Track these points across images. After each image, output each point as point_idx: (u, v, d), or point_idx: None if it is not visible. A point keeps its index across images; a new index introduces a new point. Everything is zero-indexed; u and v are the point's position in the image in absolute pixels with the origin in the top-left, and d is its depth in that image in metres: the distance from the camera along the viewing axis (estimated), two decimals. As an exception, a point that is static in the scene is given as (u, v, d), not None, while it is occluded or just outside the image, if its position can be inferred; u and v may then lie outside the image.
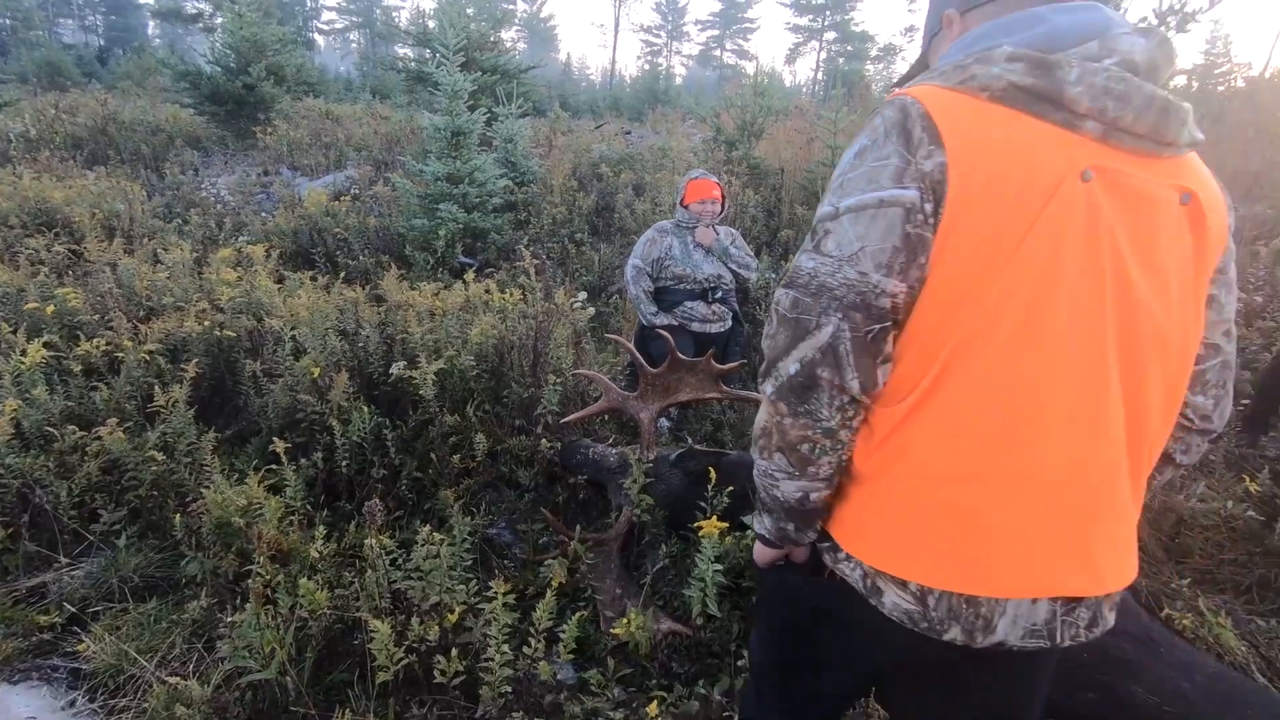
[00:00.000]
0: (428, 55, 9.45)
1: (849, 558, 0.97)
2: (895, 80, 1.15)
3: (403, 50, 17.21)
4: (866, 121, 0.91)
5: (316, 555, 2.05)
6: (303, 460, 2.61)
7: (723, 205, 3.71)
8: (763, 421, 0.98)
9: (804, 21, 38.85)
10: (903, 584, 0.91)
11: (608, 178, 7.39)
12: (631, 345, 2.78)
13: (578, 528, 2.37)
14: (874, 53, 37.54)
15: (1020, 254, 0.81)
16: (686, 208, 3.67)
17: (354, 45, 45.01)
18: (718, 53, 46.96)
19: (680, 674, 1.99)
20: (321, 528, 2.16)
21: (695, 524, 1.97)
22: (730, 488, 2.08)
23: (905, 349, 0.89)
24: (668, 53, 48.79)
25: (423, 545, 1.88)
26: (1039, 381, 0.84)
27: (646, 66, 37.42)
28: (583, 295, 3.94)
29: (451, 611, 1.83)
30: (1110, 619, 0.96)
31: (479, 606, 1.91)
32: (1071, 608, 0.91)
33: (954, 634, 0.89)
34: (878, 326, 0.87)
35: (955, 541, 0.88)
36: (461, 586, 1.98)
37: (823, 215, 0.92)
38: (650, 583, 2.27)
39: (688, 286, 3.63)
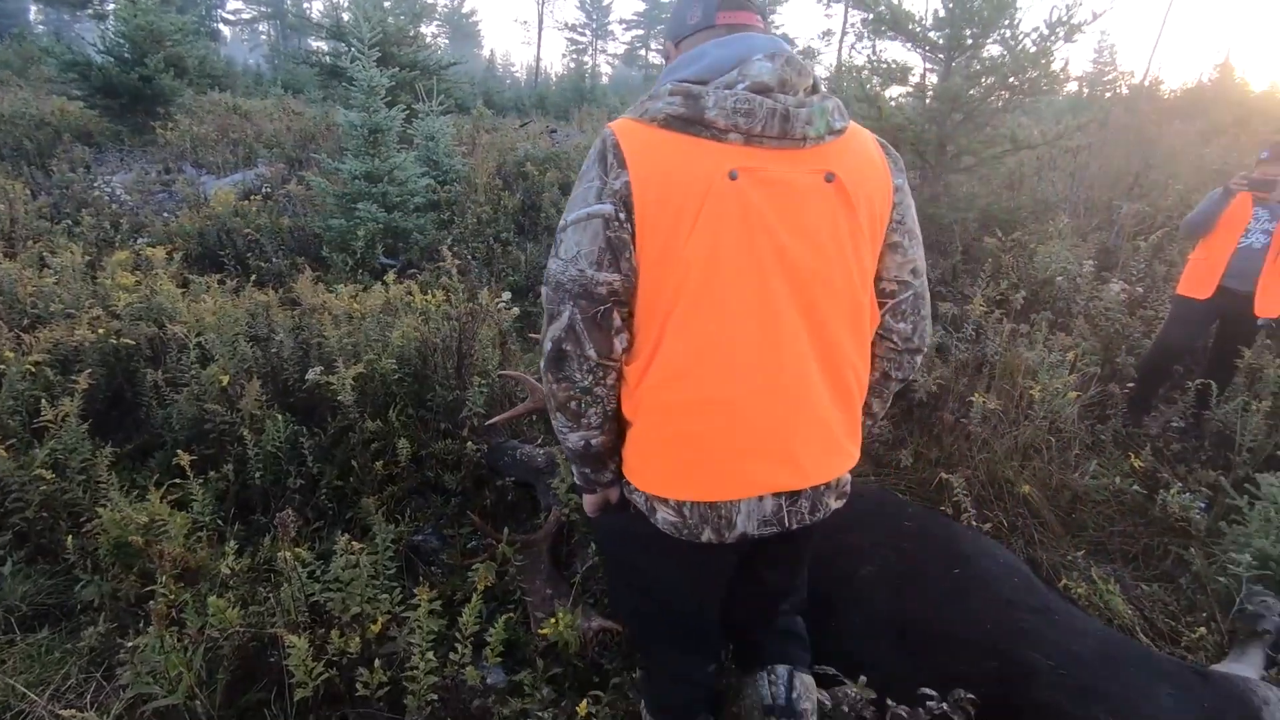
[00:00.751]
0: (343, 49, 9.11)
1: (635, 489, 1.25)
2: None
3: (316, 43, 16.55)
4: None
5: (228, 571, 1.96)
6: (211, 473, 2.49)
7: None
8: (545, 388, 1.23)
9: (726, 24, 39.48)
10: (665, 502, 1.19)
11: (533, 176, 7.32)
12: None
13: (505, 530, 2.35)
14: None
15: (692, 240, 1.08)
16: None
17: (263, 37, 42.79)
18: (643, 53, 47.19)
19: (611, 670, 2.00)
20: (233, 543, 2.06)
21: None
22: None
23: (639, 319, 1.16)
24: (593, 51, 48.68)
25: (342, 555, 1.82)
26: (722, 331, 1.11)
27: (572, 65, 37.26)
28: (507, 295, 3.89)
29: (374, 622, 1.78)
30: (834, 504, 1.28)
31: (404, 615, 1.87)
32: (793, 499, 1.21)
33: (708, 535, 1.19)
34: (602, 308, 1.12)
35: (690, 461, 1.16)
36: (385, 596, 1.93)
37: (559, 227, 1.15)
38: (581, 581, 2.27)
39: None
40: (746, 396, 1.13)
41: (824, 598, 1.92)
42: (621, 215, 1.08)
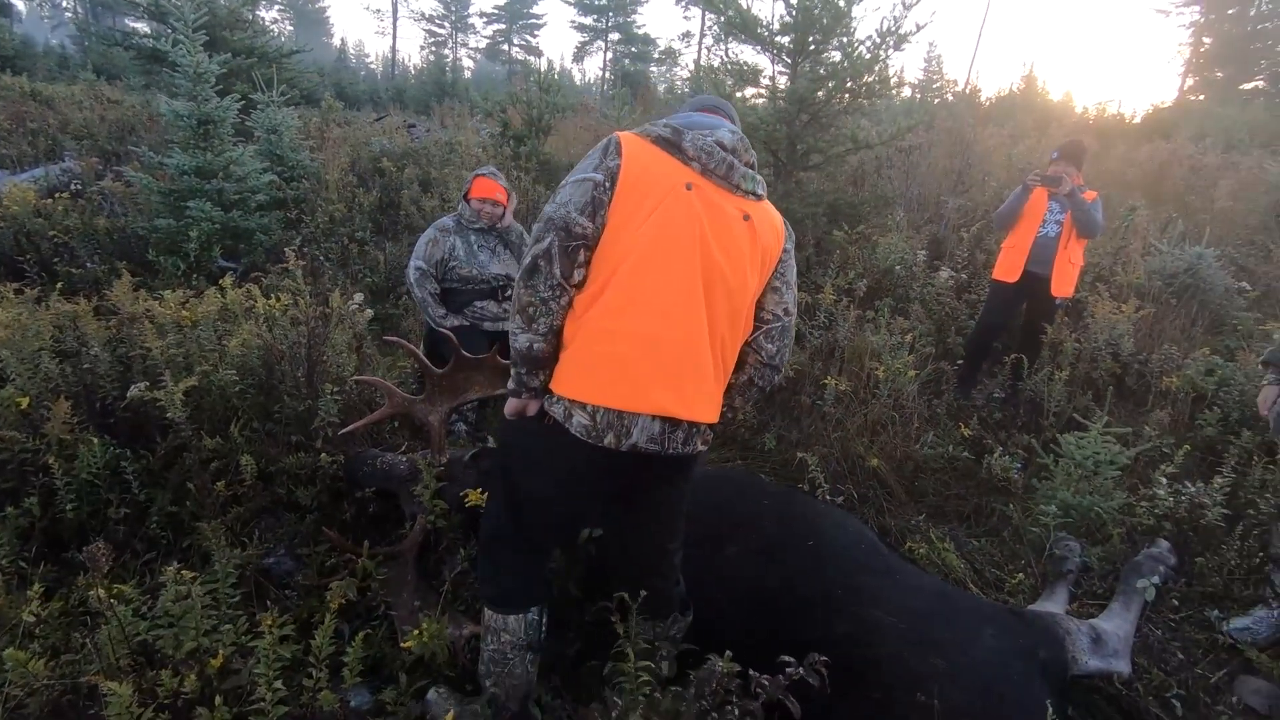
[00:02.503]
0: (166, 31, 8.22)
1: (558, 399, 1.57)
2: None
3: (133, 23, 14.83)
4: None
5: (32, 618, 1.72)
6: (10, 508, 2.18)
7: (506, 209, 3.66)
8: (513, 295, 1.57)
9: (588, 21, 39.55)
10: (583, 406, 1.54)
11: (391, 173, 6.99)
12: (415, 347, 2.66)
13: (365, 543, 2.23)
14: (656, 55, 39.27)
15: (651, 219, 1.53)
16: (469, 202, 3.57)
17: (68, 15, 37.77)
18: (506, 47, 46.28)
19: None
20: (38, 585, 1.81)
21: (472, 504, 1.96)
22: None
23: (595, 261, 1.55)
24: (454, 44, 47.11)
25: (171, 587, 1.65)
26: (655, 287, 1.52)
27: (431, 57, 35.84)
28: (360, 297, 3.68)
29: (214, 656, 1.63)
30: (699, 445, 1.65)
31: (251, 645, 1.72)
32: (674, 427, 1.58)
33: (609, 439, 1.54)
34: (574, 244, 1.53)
35: (613, 376, 1.52)
36: (228, 626, 1.78)
37: (560, 185, 1.58)
38: (450, 588, 2.20)
39: (476, 286, 3.54)
40: (662, 337, 1.52)
41: (693, 579, 1.99)
42: (607, 184, 1.52)
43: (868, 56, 5.50)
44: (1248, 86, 24.01)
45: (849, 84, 5.66)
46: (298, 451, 2.70)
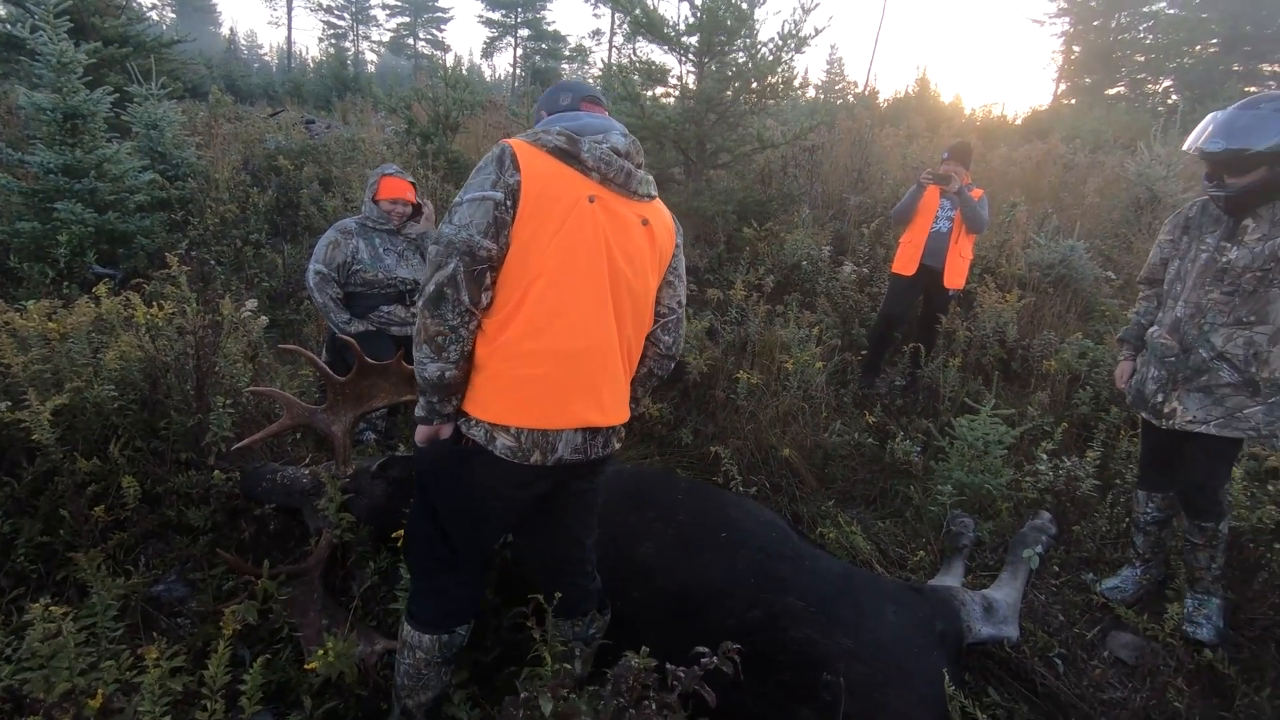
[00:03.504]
0: (25, 16, 7.49)
1: (478, 422, 1.56)
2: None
3: (-14, 7, 13.42)
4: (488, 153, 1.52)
5: (-127, 673, 1.54)
6: None
7: (416, 207, 3.55)
8: (416, 325, 1.51)
9: (497, 16, 38.79)
10: (507, 429, 1.53)
11: (288, 171, 6.64)
12: (315, 354, 2.55)
13: (266, 563, 2.12)
14: (567, 52, 39.01)
15: (560, 234, 1.50)
16: (378, 204, 3.44)
17: (-93, -6, 33.87)
18: (411, 41, 44.80)
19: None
20: (-120, 635, 1.63)
21: (396, 533, 1.89)
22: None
23: (504, 285, 1.51)
24: (355, 37, 45.20)
25: (39, 625, 1.51)
26: (570, 304, 1.52)
27: (331, 50, 34.25)
28: (253, 303, 3.48)
29: (92, 696, 1.51)
30: (616, 444, 1.72)
31: (136, 680, 1.60)
32: (594, 435, 1.63)
33: (536, 458, 1.55)
34: (479, 267, 1.47)
35: (534, 396, 1.52)
36: (110, 662, 1.64)
37: (455, 201, 1.50)
38: (360, 604, 2.12)
39: (382, 290, 3.42)
40: (580, 353, 1.55)
41: (611, 577, 1.99)
42: (508, 203, 1.47)
43: (770, 58, 5.67)
44: (1112, 92, 26.26)
45: (754, 84, 5.81)
46: (188, 470, 2.54)
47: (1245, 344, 2.17)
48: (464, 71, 7.90)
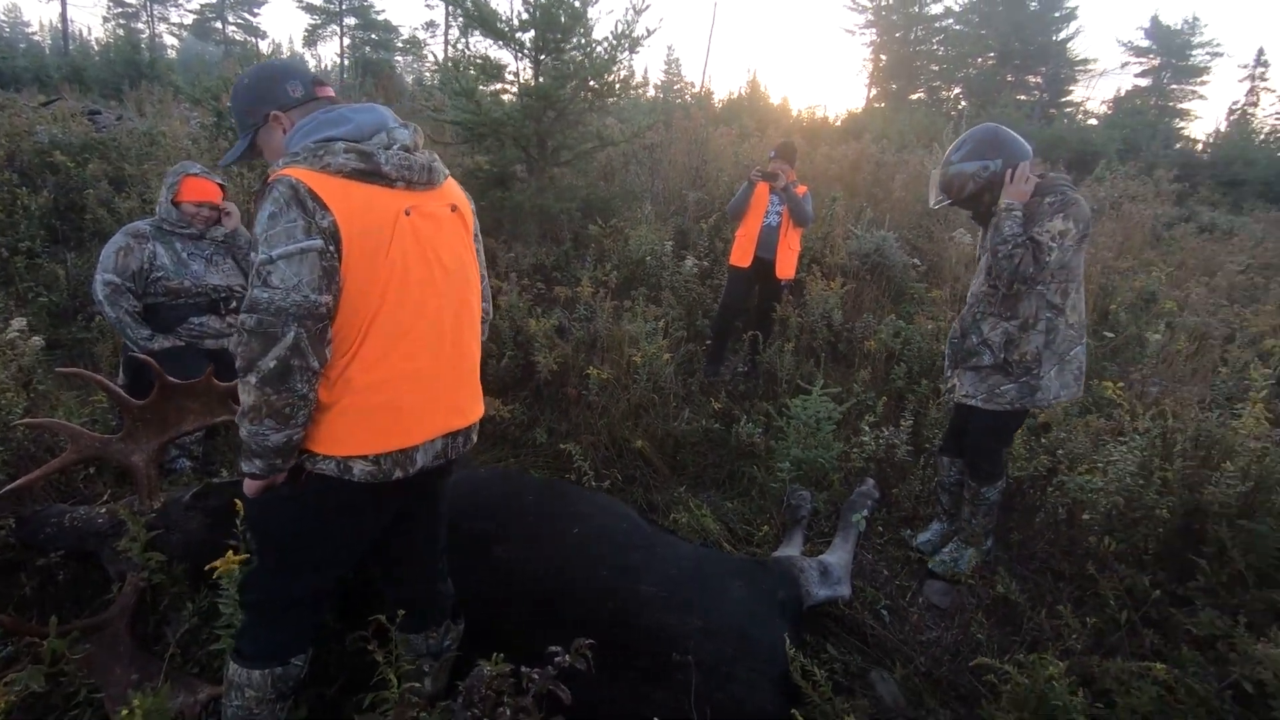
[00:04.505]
0: None
1: (326, 458, 1.47)
2: (230, 158, 1.64)
3: None
4: (266, 194, 1.35)
5: None
6: None
7: (231, 214, 3.22)
8: (251, 401, 1.36)
9: (319, 2, 36.11)
10: (365, 458, 1.47)
11: (68, 169, 5.79)
12: (111, 376, 2.25)
13: (54, 620, 1.84)
14: (400, 44, 37.18)
15: (387, 261, 1.43)
16: (178, 206, 3.07)
17: None
18: (220, 25, 40.57)
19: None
20: None
21: (209, 565, 1.73)
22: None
23: (340, 325, 1.42)
24: (150, 18, 40.17)
25: None
26: (412, 322, 1.48)
27: (120, 31, 30.24)
28: (20, 322, 3.01)
29: None
30: (475, 438, 1.74)
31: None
32: (455, 436, 1.63)
33: (398, 474, 1.52)
34: (322, 324, 1.37)
35: (389, 422, 1.49)
36: None
37: (263, 260, 1.33)
38: (178, 651, 1.91)
39: (191, 300, 3.07)
40: (429, 367, 1.52)
41: (463, 585, 1.94)
42: (331, 249, 1.35)
43: (606, 57, 5.74)
44: (914, 97, 29.31)
45: (591, 82, 5.85)
46: (-55, 522, 2.15)
47: (1003, 333, 2.53)
48: (274, 59, 7.25)
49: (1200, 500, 2.68)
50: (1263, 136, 17.93)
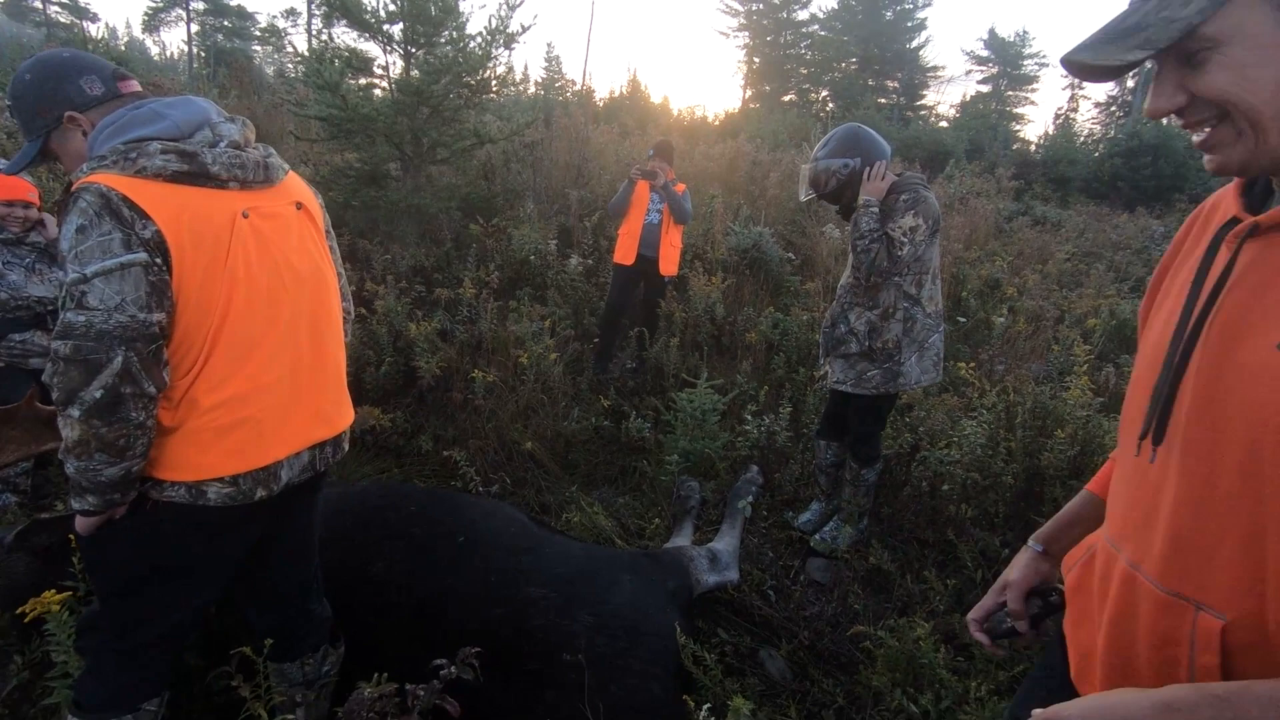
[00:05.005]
0: None
1: (174, 484, 1.35)
2: (14, 166, 1.43)
3: None
4: (71, 205, 1.21)
5: None
6: None
7: (39, 210, 2.88)
8: (76, 436, 1.21)
9: (159, -17, 32.94)
10: (220, 480, 1.36)
11: None
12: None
13: None
14: (257, 32, 34.59)
15: (227, 269, 1.32)
16: (-12, 206, 2.72)
17: None
18: (39, 4, 36.07)
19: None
20: None
21: (21, 610, 1.56)
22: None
23: (178, 344, 1.30)
24: (-51, -7, 35.03)
25: None
26: (263, 332, 1.38)
27: (-90, 7, 26.14)
28: None
29: None
30: (345, 447, 1.66)
31: None
32: (322, 447, 1.55)
33: (261, 494, 1.41)
34: (155, 346, 1.24)
35: (247, 440, 1.38)
36: None
37: (74, 280, 1.18)
38: (7, 710, 1.70)
39: (10, 315, 2.73)
40: (287, 377, 1.43)
41: (343, 607, 1.85)
42: (158, 261, 1.23)
43: (480, 52, 5.62)
44: (786, 98, 30.68)
45: (466, 78, 5.71)
46: None
47: (866, 322, 2.70)
48: (121, 46, 6.58)
49: (1039, 465, 2.99)
50: (1082, 139, 20.19)
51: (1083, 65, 0.74)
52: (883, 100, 29.36)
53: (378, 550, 1.99)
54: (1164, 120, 0.77)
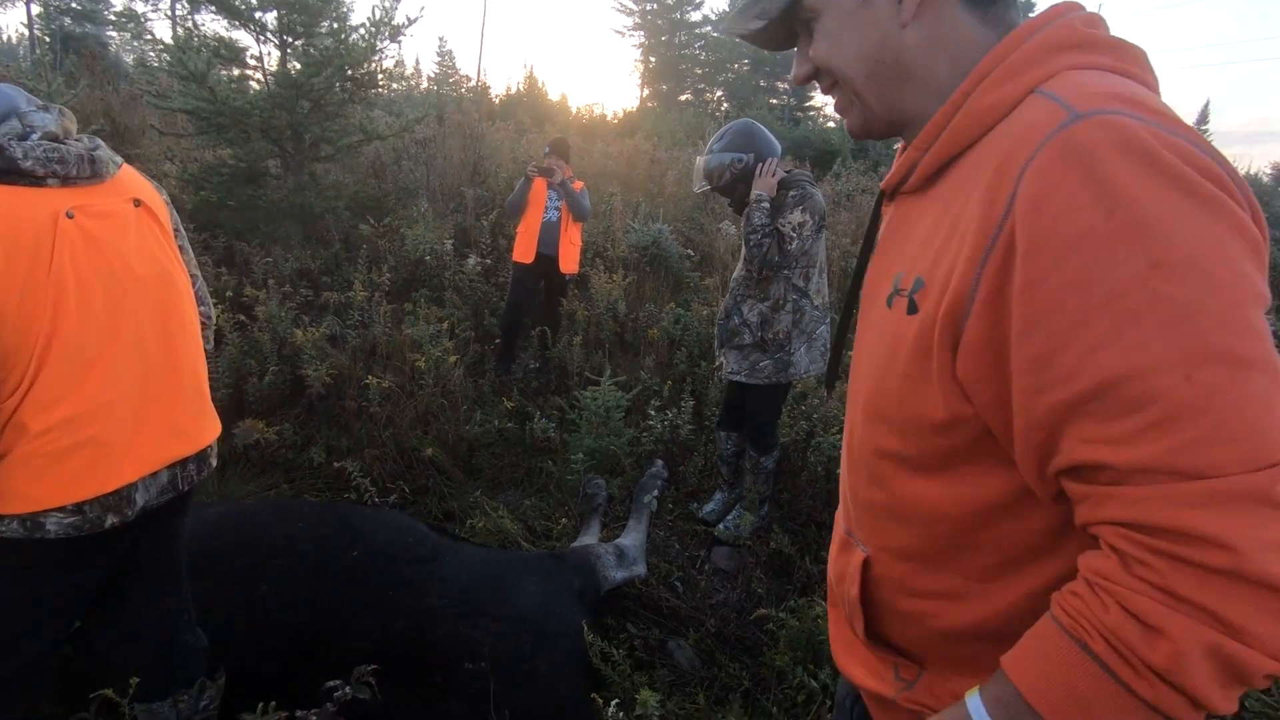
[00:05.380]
0: None
1: (5, 518, 1.22)
2: None
3: None
4: None
5: None
6: None
7: None
8: None
9: (-9, -41, 29.43)
10: (62, 509, 1.24)
11: None
12: None
13: None
14: (111, 16, 31.61)
15: (50, 278, 1.19)
16: None
17: None
18: None
19: None
20: None
21: None
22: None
23: (5, 359, 1.17)
24: None
25: None
26: (103, 343, 1.27)
27: None
28: None
29: None
30: (212, 463, 1.55)
31: None
32: (184, 465, 1.45)
33: (113, 520, 1.30)
34: None
35: (88, 464, 1.26)
36: None
37: None
38: None
39: None
40: (135, 392, 1.32)
41: (225, 636, 1.73)
42: None
43: (364, 44, 5.37)
44: (682, 97, 31.23)
45: (349, 71, 5.45)
46: None
47: (758, 314, 2.80)
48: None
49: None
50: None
51: (728, 34, 0.82)
52: (774, 101, 30.42)
53: (263, 571, 1.87)
54: None
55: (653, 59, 33.42)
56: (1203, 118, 24.93)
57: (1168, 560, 0.48)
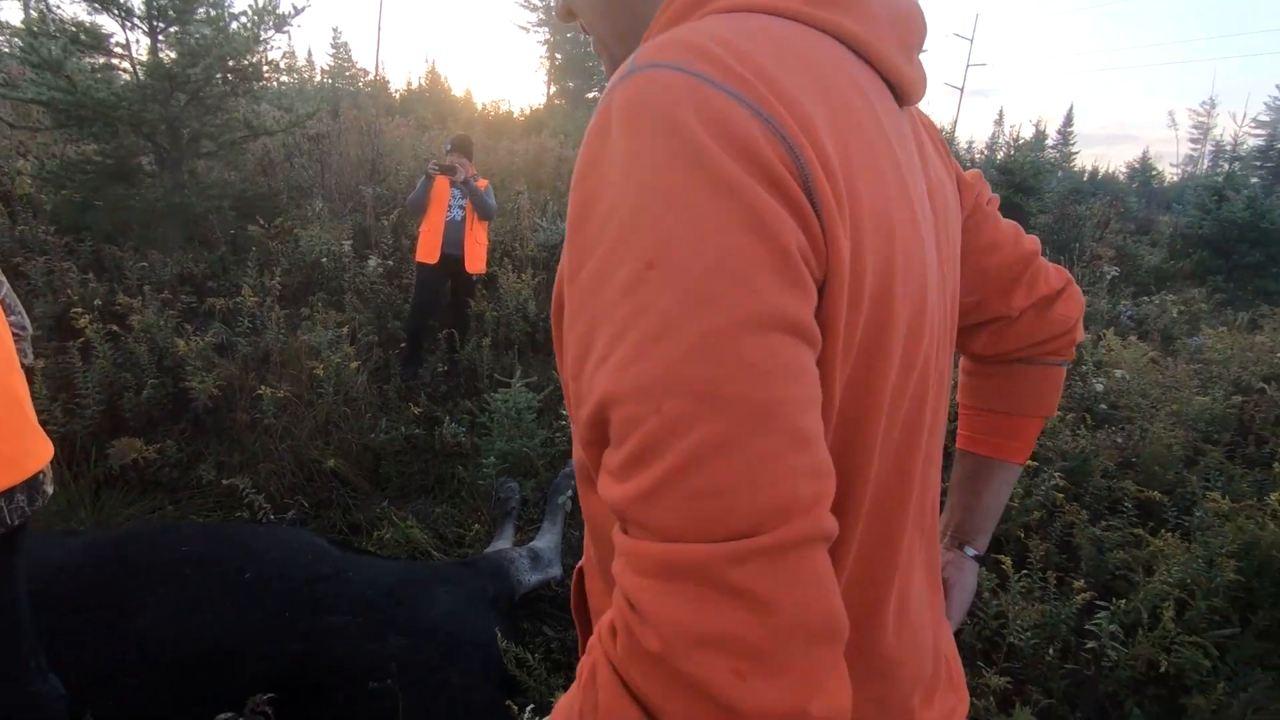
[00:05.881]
0: None
1: None
2: None
3: None
4: None
5: None
6: None
7: None
8: None
9: None
10: None
11: None
12: None
13: None
14: (-49, -4, 28.31)
15: None
16: None
17: None
18: None
19: None
20: None
21: None
22: None
23: None
24: None
25: None
26: None
27: None
28: None
29: None
30: (49, 489, 1.45)
31: None
32: (9, 496, 1.32)
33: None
34: None
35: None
36: None
37: None
38: None
39: None
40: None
41: (97, 675, 1.59)
42: None
43: (246, 34, 5.06)
44: (590, 95, 31.16)
45: (230, 62, 5.11)
46: None
47: None
48: None
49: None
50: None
51: None
52: (680, 99, 30.78)
53: (142, 601, 1.74)
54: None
55: (558, 56, 33.17)
56: (1068, 120, 27.15)
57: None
